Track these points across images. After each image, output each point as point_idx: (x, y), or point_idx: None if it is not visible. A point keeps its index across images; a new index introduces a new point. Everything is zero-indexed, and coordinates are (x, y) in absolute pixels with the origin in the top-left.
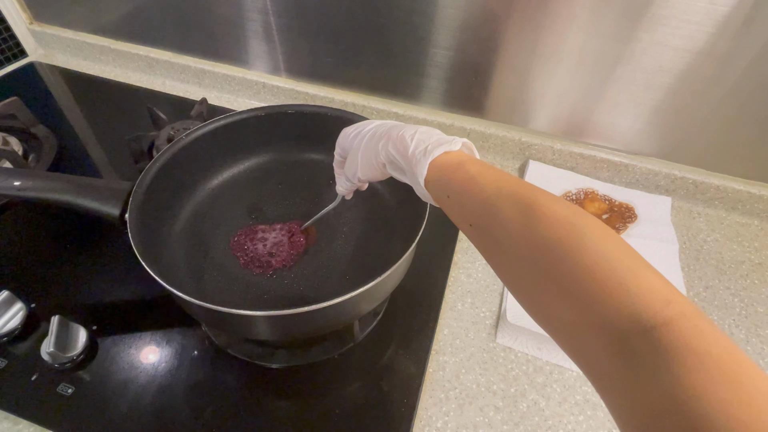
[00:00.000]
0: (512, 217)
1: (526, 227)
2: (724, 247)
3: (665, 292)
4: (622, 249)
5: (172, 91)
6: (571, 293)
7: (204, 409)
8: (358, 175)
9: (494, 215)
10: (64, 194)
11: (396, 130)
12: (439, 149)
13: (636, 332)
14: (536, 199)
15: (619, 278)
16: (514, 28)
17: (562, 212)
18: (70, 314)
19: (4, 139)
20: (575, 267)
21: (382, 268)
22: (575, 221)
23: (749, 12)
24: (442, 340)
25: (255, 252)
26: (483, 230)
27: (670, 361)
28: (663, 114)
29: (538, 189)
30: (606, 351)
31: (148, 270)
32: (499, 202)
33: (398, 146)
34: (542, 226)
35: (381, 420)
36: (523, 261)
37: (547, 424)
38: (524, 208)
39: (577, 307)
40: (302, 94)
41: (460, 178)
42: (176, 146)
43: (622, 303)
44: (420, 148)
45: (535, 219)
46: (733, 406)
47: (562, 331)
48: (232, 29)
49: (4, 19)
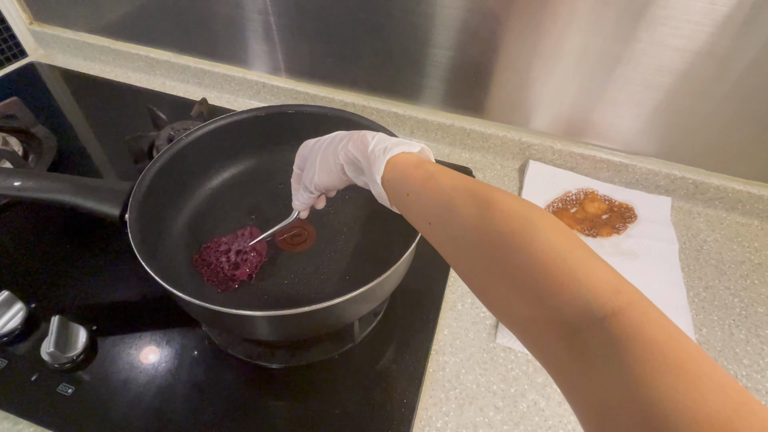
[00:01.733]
0: (468, 212)
1: (481, 221)
2: (724, 247)
3: (614, 282)
4: (572, 241)
5: (172, 91)
6: (524, 286)
7: (204, 409)
8: (315, 181)
9: (452, 211)
10: (64, 194)
11: (357, 133)
12: (398, 148)
13: (587, 324)
14: (492, 194)
15: (570, 270)
16: (514, 28)
17: (515, 206)
18: (70, 314)
19: (4, 139)
20: (528, 259)
21: (382, 269)
22: (527, 215)
23: (749, 12)
24: (442, 340)
25: (218, 267)
26: (441, 227)
27: (620, 351)
28: (663, 114)
29: (494, 187)
30: (560, 344)
31: (148, 270)
32: (456, 198)
33: (358, 144)
34: (496, 220)
35: (381, 420)
36: (478, 255)
37: (547, 424)
38: (480, 202)
39: (531, 299)
40: (302, 94)
41: (419, 176)
42: (176, 146)
43: (573, 294)
44: (380, 146)
45: (490, 213)
46: (679, 392)
47: (518, 324)
48: (232, 29)
49: (4, 19)
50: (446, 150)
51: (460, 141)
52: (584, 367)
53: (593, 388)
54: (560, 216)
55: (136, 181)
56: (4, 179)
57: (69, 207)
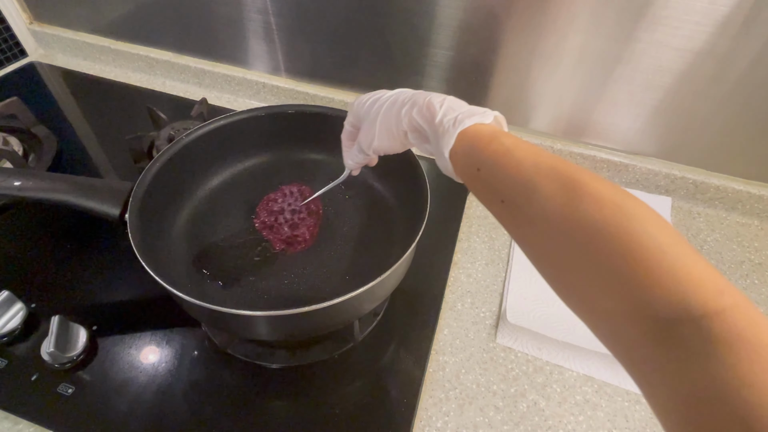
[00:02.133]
0: (552, 193)
1: (566, 206)
2: (724, 247)
3: (717, 283)
4: (671, 235)
5: (172, 91)
6: (612, 277)
7: (204, 409)
8: (374, 145)
9: (532, 191)
10: (64, 194)
11: (422, 96)
12: (470, 120)
13: (684, 320)
14: (580, 176)
15: (668, 265)
16: (514, 28)
17: (607, 192)
18: (70, 314)
19: (4, 139)
20: (620, 250)
21: (382, 268)
22: (622, 203)
23: (749, 12)
24: (442, 340)
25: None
26: (516, 207)
27: (722, 350)
28: (663, 114)
29: (580, 167)
30: (647, 337)
31: (148, 270)
32: (538, 178)
33: (424, 113)
34: (585, 206)
35: (381, 420)
36: (560, 241)
37: (547, 424)
38: (566, 185)
39: (618, 291)
40: (302, 94)
41: (493, 150)
42: (176, 146)
43: (670, 290)
44: (449, 117)
45: (578, 198)
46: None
47: (597, 314)
48: (232, 29)
49: (4, 19)
50: None
51: None
52: (675, 362)
53: (685, 383)
54: None
55: (136, 181)
56: (4, 179)
57: (69, 207)
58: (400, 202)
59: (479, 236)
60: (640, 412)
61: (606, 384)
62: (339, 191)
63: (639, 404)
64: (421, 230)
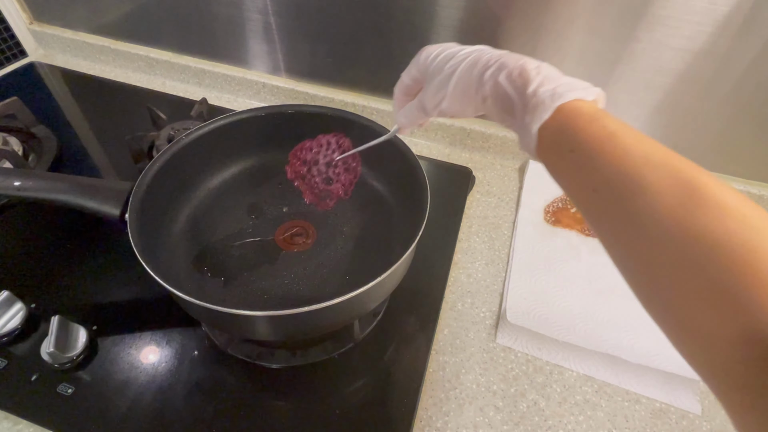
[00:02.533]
0: (665, 193)
1: (681, 209)
2: None
3: None
4: None
5: (172, 91)
6: (726, 297)
7: (204, 409)
8: (443, 106)
9: (639, 186)
10: (64, 194)
11: (512, 59)
12: (572, 94)
13: None
14: (699, 177)
15: None
16: (514, 28)
17: (732, 200)
18: (70, 314)
19: (4, 139)
20: (740, 269)
21: (382, 268)
22: (749, 215)
23: (749, 12)
24: (442, 340)
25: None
26: (614, 200)
27: None
28: (663, 114)
29: (698, 167)
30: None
31: (148, 270)
32: (646, 171)
33: (515, 79)
34: (704, 212)
35: (381, 420)
36: (666, 248)
37: (547, 424)
38: (682, 185)
39: (730, 311)
40: (302, 94)
41: (594, 132)
42: (176, 146)
43: None
44: (546, 87)
45: (696, 202)
46: None
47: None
48: (232, 29)
49: (4, 19)
50: (446, 150)
51: (460, 141)
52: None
53: None
54: (560, 216)
55: (136, 181)
56: (4, 179)
57: (69, 207)
58: (400, 202)
59: (479, 236)
60: (640, 412)
61: (606, 384)
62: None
63: (639, 404)
64: (421, 230)
